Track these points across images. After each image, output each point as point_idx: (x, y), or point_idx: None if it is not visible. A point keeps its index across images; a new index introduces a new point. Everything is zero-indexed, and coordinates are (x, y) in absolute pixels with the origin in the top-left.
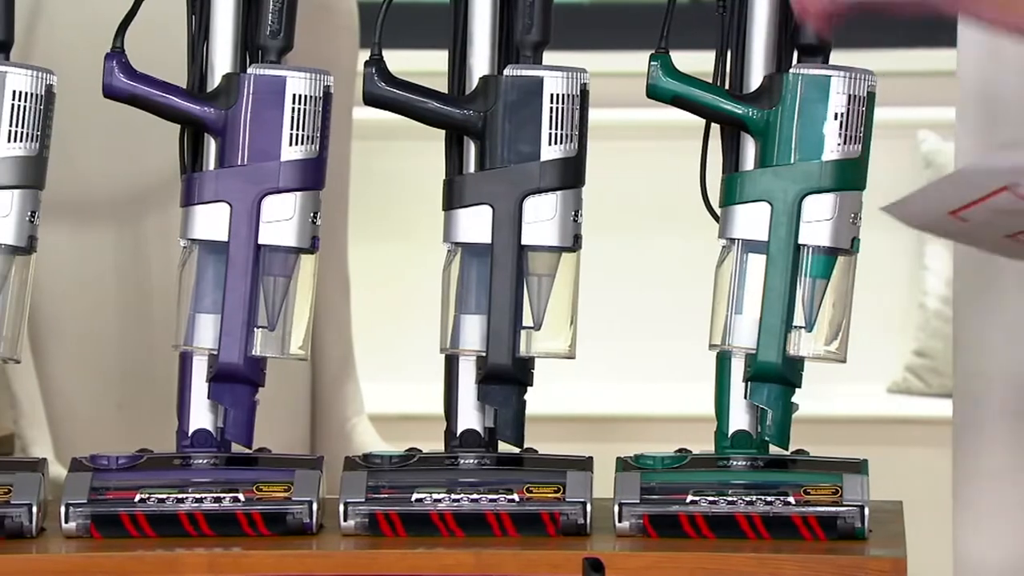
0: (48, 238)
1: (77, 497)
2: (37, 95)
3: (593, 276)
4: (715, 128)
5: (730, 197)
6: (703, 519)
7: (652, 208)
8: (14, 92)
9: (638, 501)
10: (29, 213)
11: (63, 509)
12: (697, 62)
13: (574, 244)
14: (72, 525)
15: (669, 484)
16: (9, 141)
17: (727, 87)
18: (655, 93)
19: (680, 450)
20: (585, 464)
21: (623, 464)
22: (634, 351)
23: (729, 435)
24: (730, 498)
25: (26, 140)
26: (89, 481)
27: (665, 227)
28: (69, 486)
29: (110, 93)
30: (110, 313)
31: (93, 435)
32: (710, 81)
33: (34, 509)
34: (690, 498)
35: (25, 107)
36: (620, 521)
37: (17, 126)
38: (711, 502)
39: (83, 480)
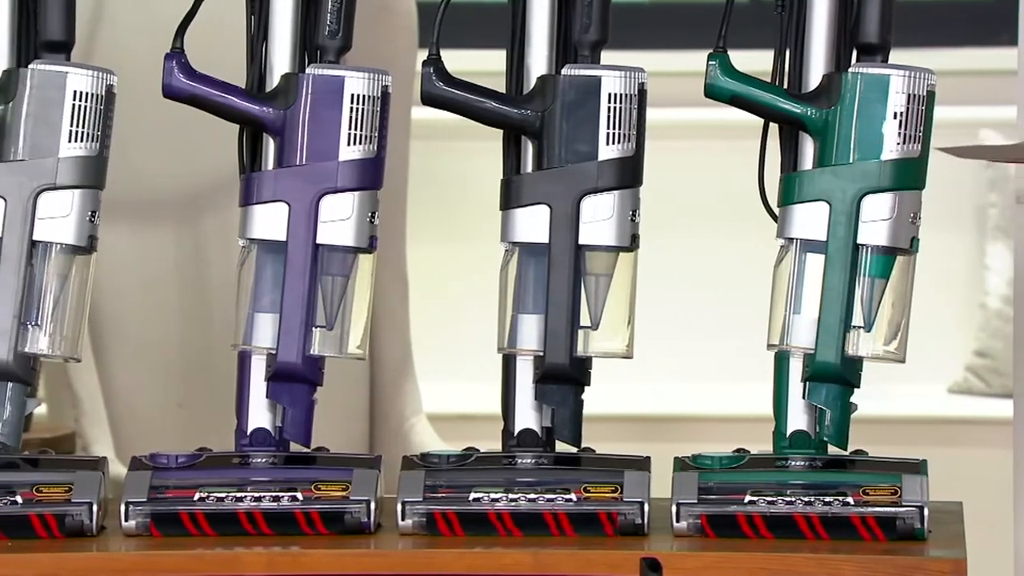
0: (109, 238)
1: (137, 496)
2: (97, 95)
3: (651, 276)
4: (773, 127)
5: (788, 197)
6: (761, 519)
7: (710, 208)
8: (75, 92)
9: (696, 501)
10: (89, 213)
11: (123, 507)
12: (756, 61)
13: (631, 244)
14: (132, 523)
15: (727, 484)
16: (70, 141)
17: (786, 86)
18: (713, 92)
19: (738, 450)
20: (643, 464)
21: (681, 464)
22: (692, 351)
23: (787, 435)
24: (788, 498)
25: (86, 140)
26: (149, 480)
27: (723, 227)
28: (129, 485)
29: (170, 93)
30: (170, 313)
31: (153, 434)
32: (768, 80)
33: (94, 508)
34: (748, 498)
35: (85, 107)
36: (678, 521)
37: (77, 126)
38: (769, 502)
39: (143, 479)
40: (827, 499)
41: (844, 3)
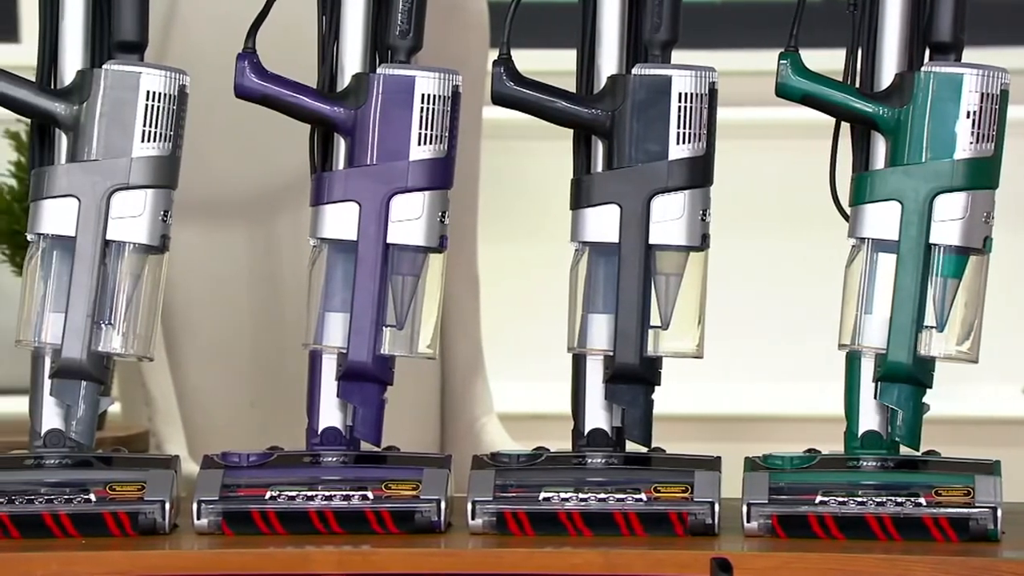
0: (182, 238)
1: (209, 494)
2: (170, 95)
3: (721, 275)
4: (845, 127)
5: (860, 196)
6: (832, 520)
7: (781, 207)
8: (148, 93)
9: (767, 501)
10: (162, 213)
11: (195, 506)
12: (827, 60)
13: (702, 243)
14: (204, 522)
15: (798, 484)
16: (142, 141)
17: (857, 85)
18: (785, 92)
19: (809, 450)
20: (713, 464)
21: (751, 464)
22: (763, 351)
23: (859, 435)
24: (860, 499)
25: (159, 140)
26: (220, 478)
27: (794, 226)
28: (201, 483)
29: (242, 93)
30: (243, 312)
31: (226, 433)
32: (840, 80)
33: (167, 506)
34: (819, 498)
35: (158, 107)
36: (748, 521)
37: (150, 126)
38: (841, 503)
39: (215, 477)
40: (899, 500)
41: (917, 2)
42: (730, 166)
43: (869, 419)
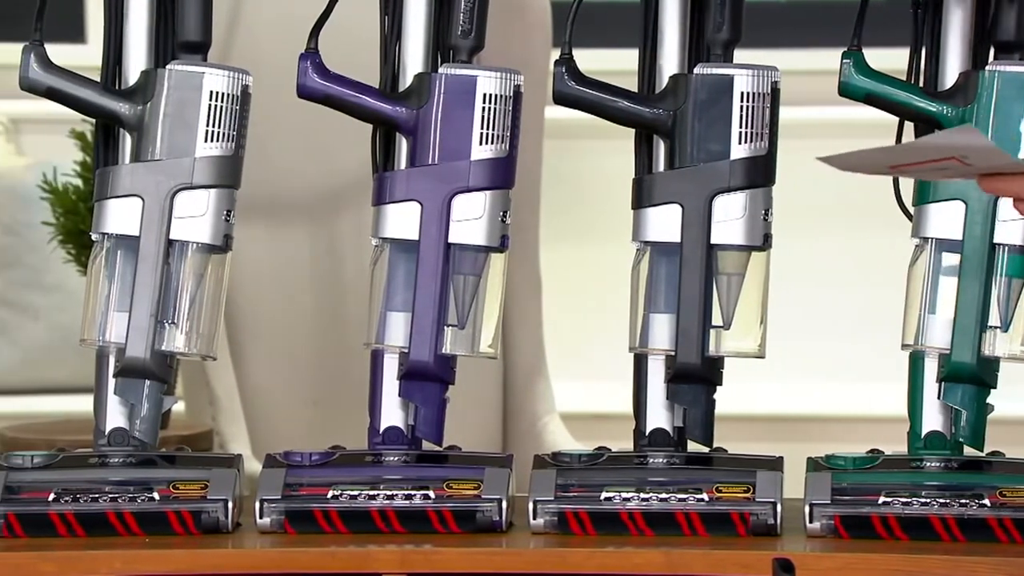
0: (245, 237)
1: (271, 493)
2: (233, 95)
3: (784, 275)
4: (908, 126)
5: (924, 196)
6: (896, 520)
7: (844, 206)
8: (211, 93)
9: (829, 502)
10: (225, 212)
11: (258, 505)
12: (890, 59)
13: (764, 243)
14: (266, 521)
15: (861, 485)
16: (206, 141)
17: (921, 84)
18: (848, 91)
19: (872, 450)
20: (775, 464)
21: (814, 464)
22: (825, 350)
23: (922, 436)
24: (923, 499)
25: (222, 140)
26: (283, 477)
27: (857, 225)
28: (263, 482)
29: (304, 93)
30: (306, 311)
31: (289, 432)
32: (903, 79)
33: (230, 505)
34: (882, 499)
35: (221, 107)
36: (811, 522)
37: (214, 126)
38: (904, 503)
39: (277, 476)
40: (963, 500)
41: (981, 1)
42: (792, 165)
43: (932, 419)
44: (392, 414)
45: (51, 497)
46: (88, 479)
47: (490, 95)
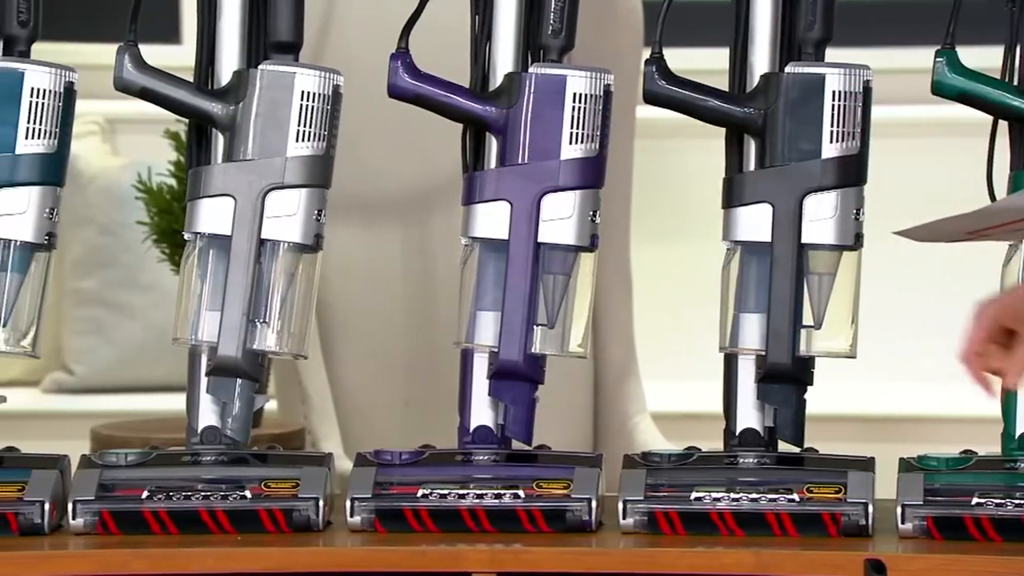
0: (337, 237)
1: (362, 492)
2: (324, 95)
3: (876, 274)
4: (1002, 124)
5: (1019, 184)
6: (989, 522)
7: (937, 205)
8: (302, 93)
9: (922, 503)
10: (316, 212)
11: (348, 503)
12: (984, 58)
13: (855, 242)
14: (357, 519)
15: (954, 486)
16: (297, 141)
17: (1015, 83)
18: (941, 90)
19: (965, 451)
20: (867, 464)
21: (906, 465)
22: (918, 350)
23: (1016, 436)
24: (1017, 501)
25: (313, 140)
26: (373, 476)
27: None
28: (354, 481)
29: (395, 93)
30: (397, 311)
31: (380, 431)
32: (997, 77)
33: (320, 503)
34: (976, 500)
35: (313, 107)
36: (903, 523)
37: (305, 126)
38: (998, 504)
39: (367, 475)
40: None
41: None
42: (884, 165)
43: None
44: (482, 413)
45: (144, 495)
46: (181, 477)
47: (580, 94)
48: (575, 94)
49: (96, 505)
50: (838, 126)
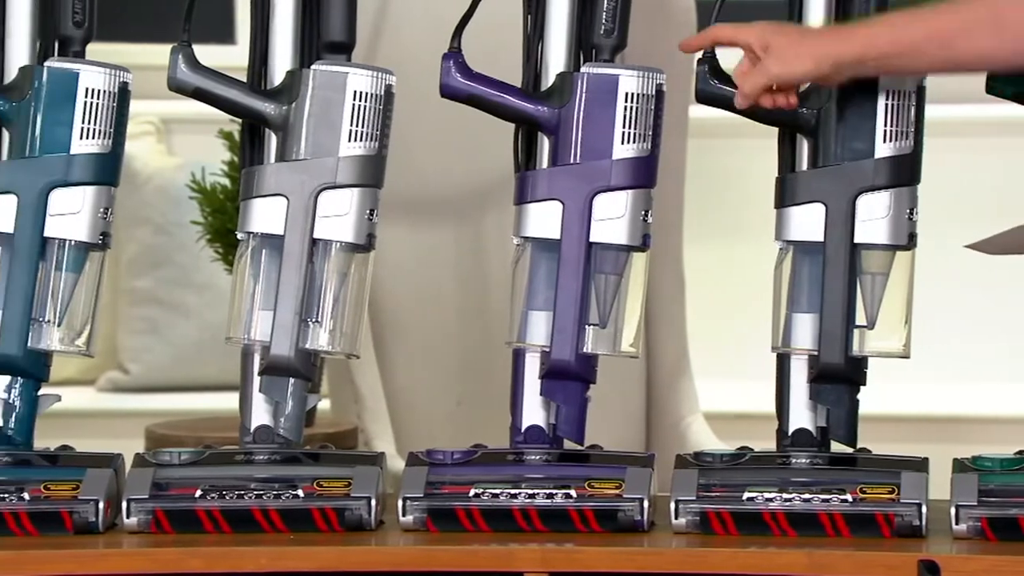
0: (390, 236)
1: (414, 491)
2: (376, 95)
3: (930, 274)
4: None
5: None
6: None
7: (992, 205)
8: (355, 93)
9: (976, 503)
10: (368, 211)
11: (400, 503)
12: None
13: (908, 242)
14: (409, 519)
15: (1009, 486)
16: (349, 141)
17: None
18: (994, 89)
19: (1020, 452)
20: (920, 465)
21: (960, 465)
22: (972, 351)
23: None
24: None
25: (365, 140)
26: (425, 475)
27: (1006, 224)
28: (406, 480)
29: (447, 93)
30: (450, 311)
31: (433, 430)
32: None
33: (373, 502)
34: None
35: (365, 107)
36: (957, 523)
37: (357, 126)
38: None
39: (419, 474)
40: None
41: None
42: (939, 164)
43: None
44: (534, 413)
45: (198, 494)
46: (234, 476)
47: (632, 94)
48: (627, 93)
49: (150, 504)
50: (891, 125)
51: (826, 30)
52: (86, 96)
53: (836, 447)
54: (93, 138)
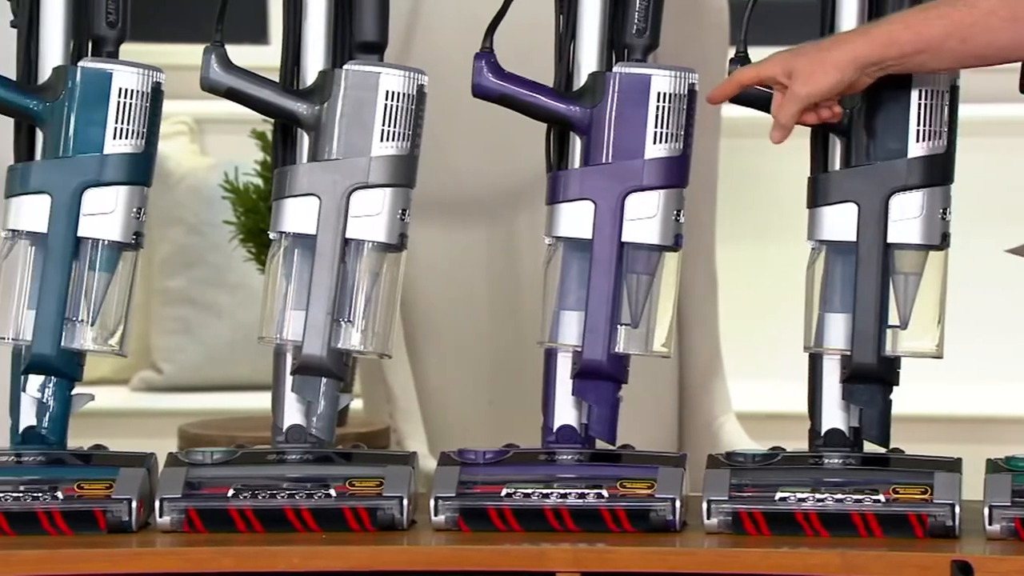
0: (422, 237)
1: (446, 491)
2: (409, 95)
3: (964, 274)
4: None
5: None
6: None
7: (1019, 205)
8: (387, 93)
9: (1009, 504)
10: (400, 211)
11: (432, 502)
12: None
13: (942, 242)
14: (441, 518)
15: None
16: (382, 141)
17: None
18: None
19: None
20: (954, 465)
21: (993, 466)
22: (1007, 351)
23: None
24: None
25: (398, 140)
26: (457, 475)
27: None
28: (438, 480)
29: (480, 92)
30: (482, 311)
31: (465, 430)
32: None
33: (404, 502)
34: None
35: (397, 107)
36: (990, 524)
37: (390, 126)
38: None
39: (451, 474)
40: None
41: None
42: (973, 164)
43: None
44: (566, 413)
45: (230, 493)
46: (266, 475)
47: (664, 94)
48: (659, 93)
49: (183, 503)
50: (925, 125)
51: (843, 37)
52: (119, 96)
53: (869, 447)
54: (126, 138)
